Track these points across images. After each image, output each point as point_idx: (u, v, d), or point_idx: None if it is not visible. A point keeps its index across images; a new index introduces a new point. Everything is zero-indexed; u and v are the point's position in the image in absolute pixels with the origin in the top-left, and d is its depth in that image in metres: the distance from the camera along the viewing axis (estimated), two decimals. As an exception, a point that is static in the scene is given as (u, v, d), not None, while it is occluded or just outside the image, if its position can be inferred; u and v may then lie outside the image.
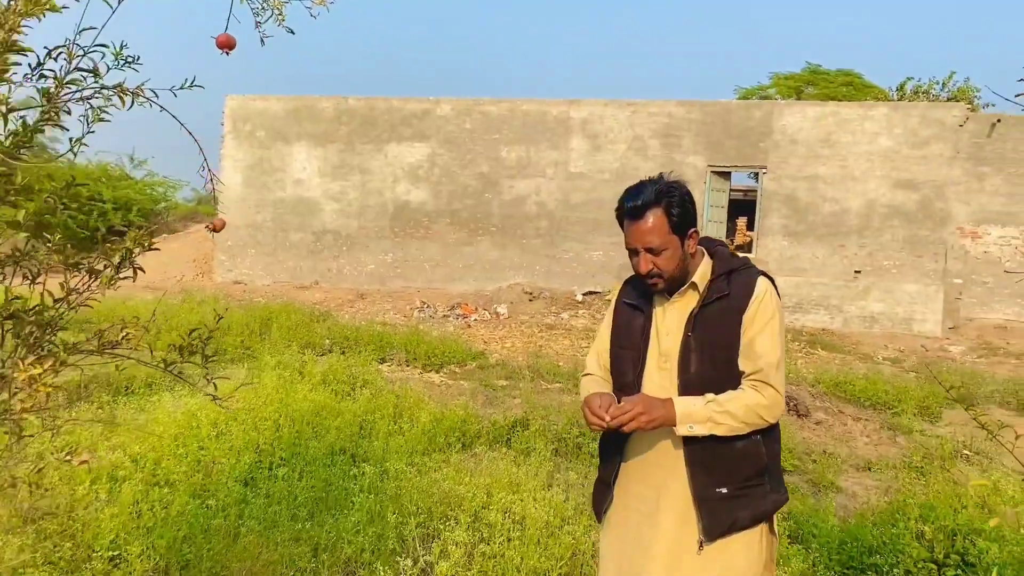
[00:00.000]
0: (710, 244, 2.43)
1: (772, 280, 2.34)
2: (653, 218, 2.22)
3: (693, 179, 16.34)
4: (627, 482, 2.36)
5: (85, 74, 1.88)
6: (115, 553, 3.48)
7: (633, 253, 2.30)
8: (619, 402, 2.23)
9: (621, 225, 2.32)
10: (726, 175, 17.29)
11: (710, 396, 2.18)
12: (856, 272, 15.94)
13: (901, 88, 24.98)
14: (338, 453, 4.95)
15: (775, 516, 2.34)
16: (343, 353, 8.78)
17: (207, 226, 2.31)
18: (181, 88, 2.37)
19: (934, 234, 15.61)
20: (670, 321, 2.33)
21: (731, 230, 24.24)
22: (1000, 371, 11.63)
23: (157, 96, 2.32)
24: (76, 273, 1.80)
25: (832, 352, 13.09)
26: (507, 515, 3.89)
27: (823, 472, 5.76)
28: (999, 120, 15.69)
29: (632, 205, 2.25)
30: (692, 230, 2.29)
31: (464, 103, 17.51)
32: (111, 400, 6.19)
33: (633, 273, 2.45)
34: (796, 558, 3.82)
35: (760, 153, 16.26)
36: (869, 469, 6.20)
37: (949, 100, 22.43)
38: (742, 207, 23.91)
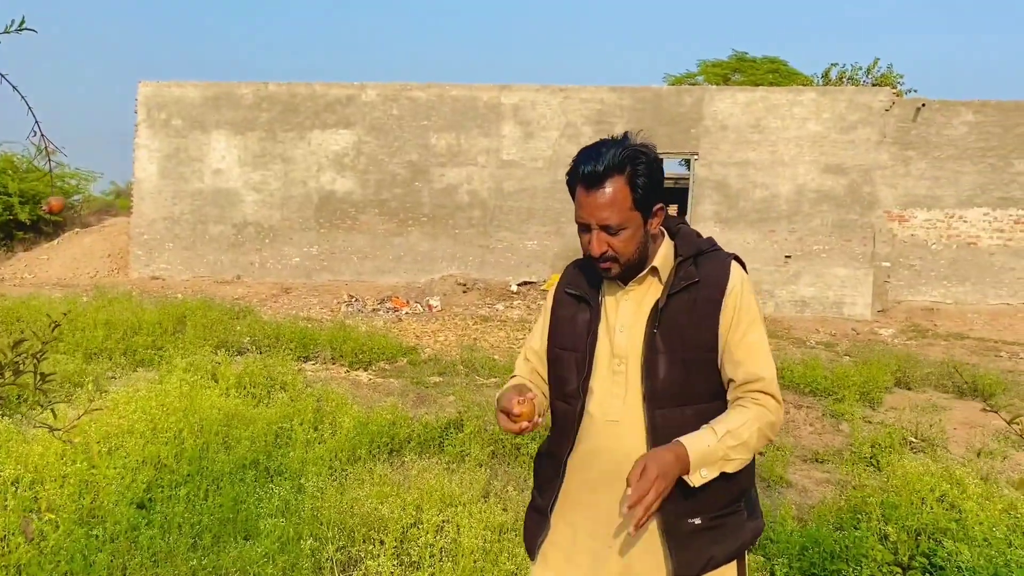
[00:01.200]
0: (669, 222, 2.04)
1: (743, 264, 1.96)
2: (613, 188, 1.79)
3: (626, 166, 16.12)
4: (571, 510, 1.94)
5: None
6: (-27, 601, 2.95)
7: (584, 229, 1.86)
8: (528, 394, 1.86)
9: (572, 193, 1.87)
10: (658, 161, 17.13)
11: (721, 427, 1.77)
12: (787, 257, 15.99)
13: (826, 74, 25.32)
14: (250, 467, 4.45)
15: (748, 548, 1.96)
16: (261, 353, 8.20)
17: (43, 208, 1.83)
18: (6, 32, 1.88)
19: (862, 218, 15.74)
20: (625, 314, 1.91)
21: (663, 217, 24.26)
22: (931, 353, 11.72)
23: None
24: None
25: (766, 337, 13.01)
26: (439, 534, 3.47)
27: (771, 466, 5.49)
28: (923, 105, 15.90)
29: (589, 170, 1.80)
30: (659, 206, 1.87)
31: (391, 88, 16.92)
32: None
33: (575, 258, 2.05)
34: (755, 569, 3.51)
35: (691, 139, 16.14)
36: (817, 460, 5.98)
37: (874, 86, 22.78)
38: (672, 195, 23.93)
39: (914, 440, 6.21)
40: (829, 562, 3.65)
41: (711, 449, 1.74)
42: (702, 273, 1.88)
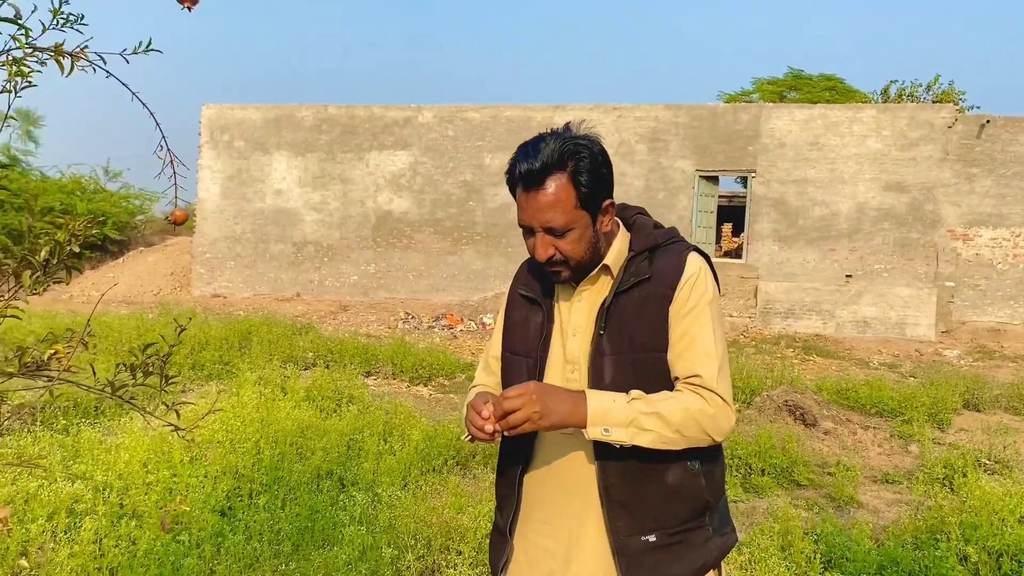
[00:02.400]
0: (626, 212, 1.87)
1: (707, 257, 1.80)
2: (555, 187, 1.65)
3: (681, 184, 16.10)
4: (528, 530, 1.79)
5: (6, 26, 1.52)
6: (73, 600, 3.08)
7: (528, 233, 1.73)
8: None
9: (513, 194, 1.72)
10: (714, 180, 17.04)
11: (636, 392, 1.62)
12: (848, 276, 15.74)
13: (885, 91, 24.93)
14: (325, 477, 4.55)
15: (723, 562, 1.80)
16: (327, 367, 8.37)
17: (167, 218, 1.93)
18: (134, 53, 2.00)
19: (925, 237, 15.44)
20: (578, 317, 1.77)
21: (718, 236, 24.08)
22: (1000, 375, 11.40)
23: (104, 61, 1.95)
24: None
25: (828, 358, 12.82)
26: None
27: (841, 486, 5.42)
28: (988, 121, 15.54)
29: (526, 168, 1.65)
30: (607, 201, 1.72)
31: (446, 110, 17.18)
32: (69, 423, 5.72)
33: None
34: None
35: (748, 157, 16.03)
36: (887, 481, 5.87)
37: (935, 102, 22.38)
38: (726, 213, 23.74)
39: (987, 461, 6.06)
40: (908, 582, 3.59)
41: (616, 407, 1.59)
42: (655, 268, 1.73)
